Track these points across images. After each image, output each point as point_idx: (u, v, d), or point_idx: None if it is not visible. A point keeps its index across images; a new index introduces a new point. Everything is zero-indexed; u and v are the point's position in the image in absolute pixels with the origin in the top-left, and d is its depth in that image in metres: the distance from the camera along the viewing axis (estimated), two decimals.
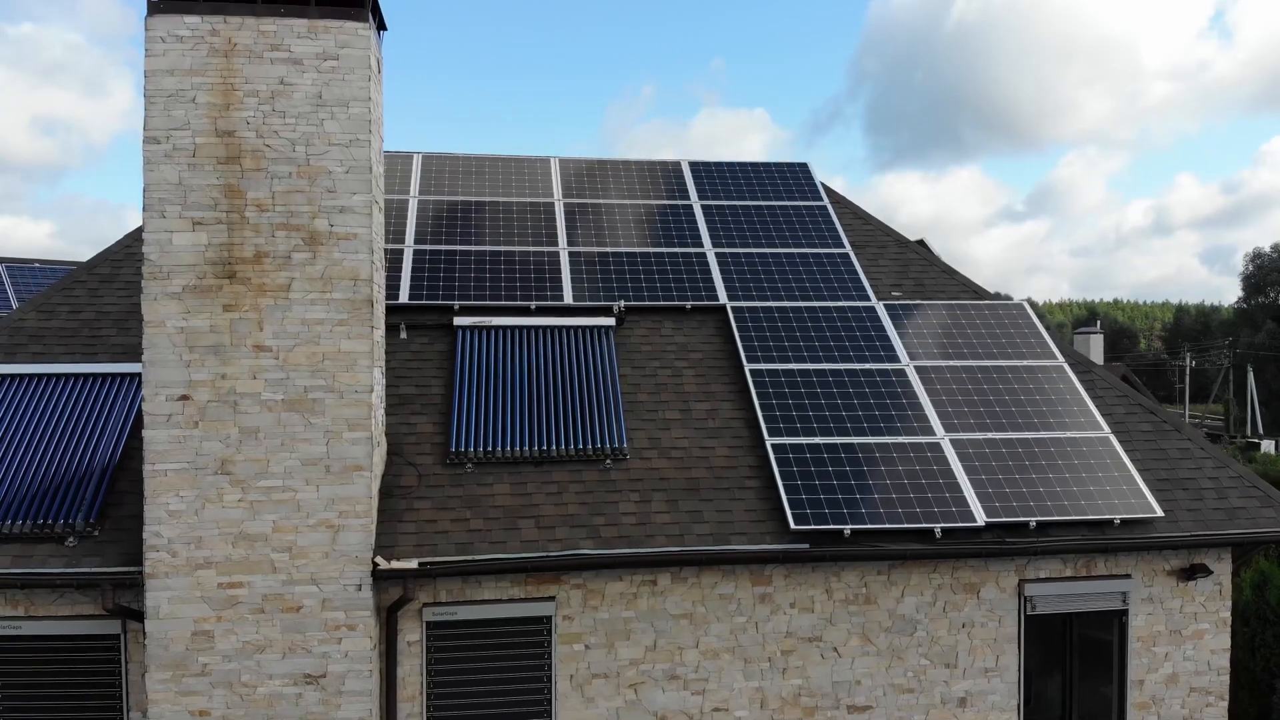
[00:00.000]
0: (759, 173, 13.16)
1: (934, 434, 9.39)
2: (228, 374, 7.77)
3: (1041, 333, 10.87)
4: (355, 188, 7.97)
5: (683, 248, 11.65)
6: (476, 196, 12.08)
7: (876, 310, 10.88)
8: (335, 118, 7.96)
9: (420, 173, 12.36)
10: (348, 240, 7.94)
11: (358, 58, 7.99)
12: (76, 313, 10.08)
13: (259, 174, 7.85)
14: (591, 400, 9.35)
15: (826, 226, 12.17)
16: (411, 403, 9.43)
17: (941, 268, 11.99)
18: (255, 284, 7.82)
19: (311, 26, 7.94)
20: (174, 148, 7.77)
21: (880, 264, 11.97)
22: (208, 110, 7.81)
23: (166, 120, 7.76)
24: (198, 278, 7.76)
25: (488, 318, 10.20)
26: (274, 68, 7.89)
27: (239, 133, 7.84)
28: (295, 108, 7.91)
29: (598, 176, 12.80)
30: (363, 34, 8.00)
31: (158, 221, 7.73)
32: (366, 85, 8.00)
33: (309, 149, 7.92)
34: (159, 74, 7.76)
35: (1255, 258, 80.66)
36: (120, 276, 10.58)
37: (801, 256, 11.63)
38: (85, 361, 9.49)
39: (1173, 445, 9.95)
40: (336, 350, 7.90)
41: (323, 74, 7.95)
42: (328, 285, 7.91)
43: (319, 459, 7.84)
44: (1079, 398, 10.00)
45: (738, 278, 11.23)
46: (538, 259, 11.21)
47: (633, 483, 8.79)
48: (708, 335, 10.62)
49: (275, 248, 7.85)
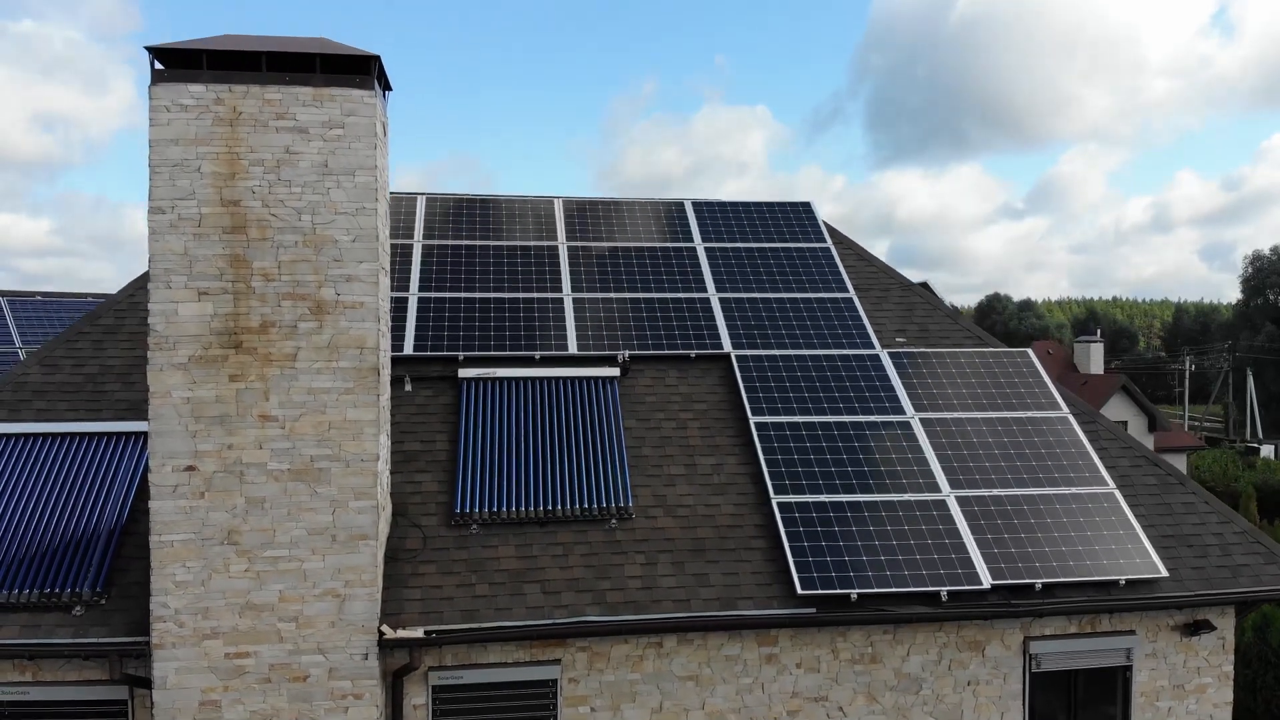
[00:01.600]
0: (761, 213, 13.15)
1: (939, 490, 9.40)
2: (234, 444, 7.77)
3: (1046, 381, 10.87)
4: (362, 256, 7.96)
5: (686, 293, 11.64)
6: (481, 240, 12.07)
7: (881, 359, 10.87)
8: (341, 186, 7.95)
9: (424, 216, 12.35)
10: (354, 309, 7.93)
11: (364, 125, 7.97)
12: (80, 366, 10.07)
13: (265, 243, 7.84)
14: (596, 457, 9.35)
15: (830, 269, 12.17)
16: (416, 459, 9.42)
17: (945, 312, 11.99)
18: (261, 354, 7.81)
19: (317, 95, 7.93)
20: (179, 217, 7.76)
21: (884, 308, 11.97)
22: (213, 180, 7.80)
23: (171, 190, 7.75)
24: (203, 348, 7.76)
25: (492, 369, 10.19)
26: (279, 136, 7.87)
27: (244, 202, 7.83)
28: (301, 176, 7.90)
29: (601, 216, 12.78)
30: (368, 102, 7.98)
31: (163, 292, 7.72)
32: (373, 153, 7.99)
33: (315, 218, 7.91)
34: (163, 143, 7.75)
35: (1255, 260, 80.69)
36: (124, 327, 10.57)
37: (805, 302, 11.63)
38: (90, 419, 9.48)
39: (1177, 500, 9.96)
40: (343, 419, 7.89)
41: (328, 142, 7.94)
42: (334, 354, 7.90)
43: (325, 528, 7.84)
44: (1084, 451, 10.00)
45: (742, 324, 11.23)
46: (542, 305, 11.20)
47: (638, 543, 8.79)
48: (712, 384, 10.62)
49: (281, 317, 7.84)
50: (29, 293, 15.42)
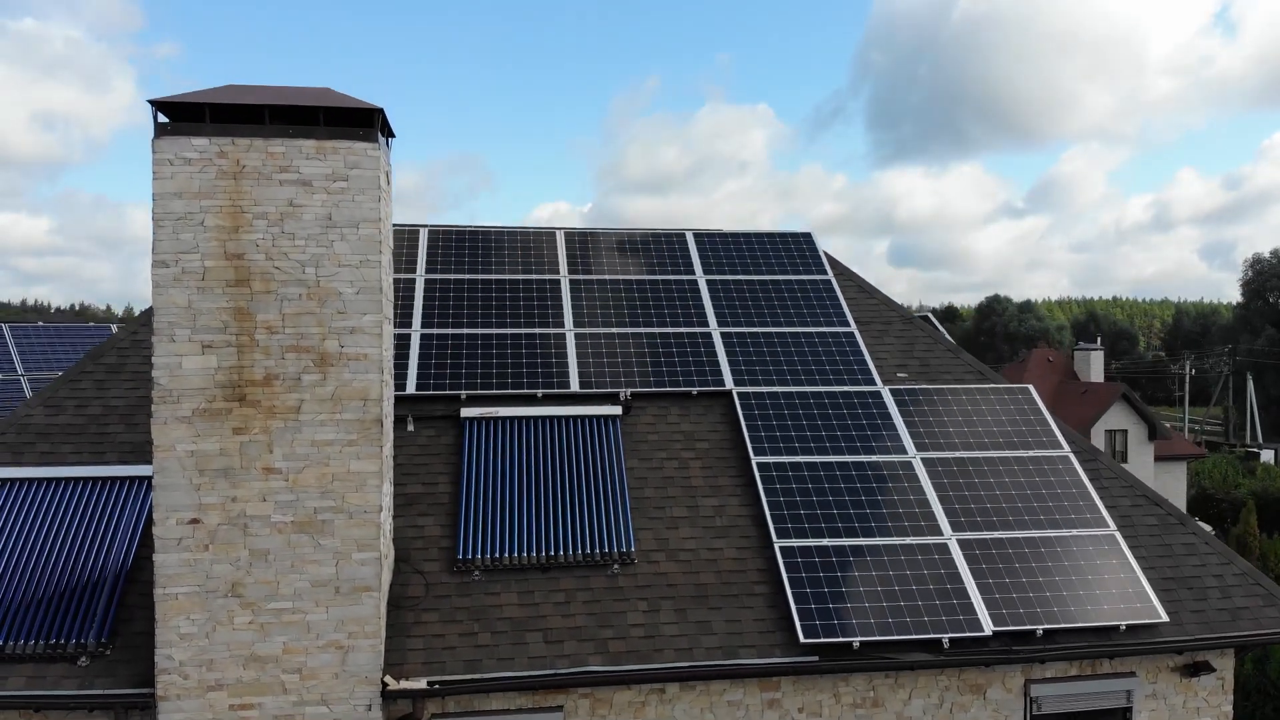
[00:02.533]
0: (762, 244, 13.17)
1: (941, 534, 9.42)
2: (238, 496, 7.79)
3: (1047, 419, 10.89)
4: (366, 308, 7.98)
5: (688, 327, 11.66)
6: (483, 274, 12.09)
7: (883, 396, 10.90)
8: (345, 239, 7.97)
9: (426, 249, 12.37)
10: (358, 361, 7.95)
11: (368, 178, 7.99)
12: (83, 407, 10.09)
13: (269, 296, 7.86)
14: (599, 500, 9.38)
15: (831, 303, 12.19)
16: (419, 502, 9.45)
17: (946, 346, 12.01)
18: (265, 406, 7.83)
19: (320, 148, 7.94)
20: (183, 271, 7.78)
21: (885, 342, 11.99)
22: (216, 233, 7.81)
23: (175, 244, 7.77)
24: (207, 401, 7.78)
25: (495, 408, 10.22)
26: (283, 189, 7.89)
27: (248, 255, 7.85)
28: (305, 229, 7.92)
29: (602, 248, 12.81)
30: (372, 154, 8.00)
31: (167, 345, 7.74)
32: (377, 205, 8.01)
33: (319, 270, 7.93)
34: (167, 197, 7.77)
35: (1255, 263, 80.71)
36: (127, 366, 10.59)
37: (807, 336, 11.65)
38: (93, 462, 9.50)
39: (1178, 540, 9.98)
40: (346, 471, 7.92)
41: (332, 195, 7.96)
42: (337, 406, 7.92)
43: (328, 580, 7.87)
44: (1085, 491, 10.02)
45: (743, 360, 11.25)
46: (544, 341, 11.23)
47: (640, 589, 8.82)
48: (714, 422, 10.64)
49: (285, 370, 7.87)
50: (30, 321, 15.44)
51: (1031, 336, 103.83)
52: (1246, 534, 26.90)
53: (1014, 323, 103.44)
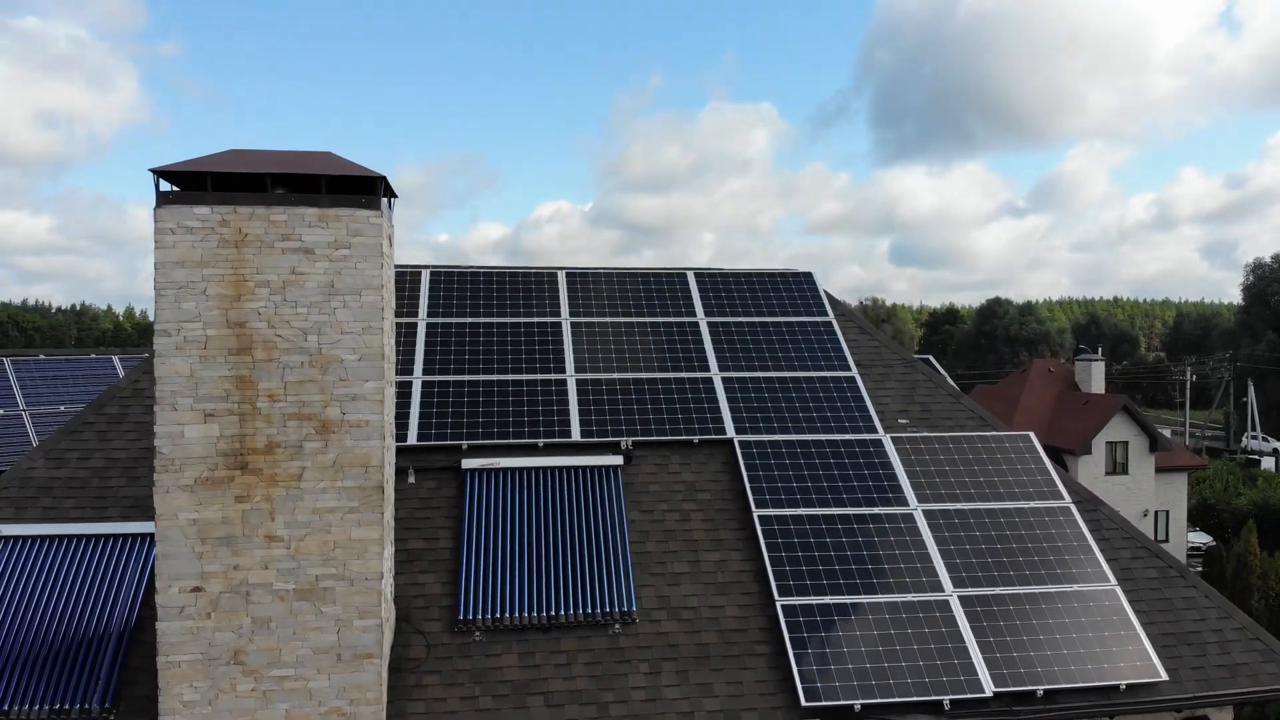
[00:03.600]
0: (763, 283, 13.18)
1: (943, 590, 9.44)
2: (240, 564, 7.81)
3: (1048, 467, 10.90)
4: (367, 375, 7.99)
5: (690, 372, 11.68)
6: (485, 317, 12.10)
7: (884, 445, 10.91)
8: (348, 306, 7.98)
9: (428, 291, 12.38)
10: (360, 428, 7.97)
11: (370, 245, 8.00)
12: (85, 460, 10.11)
13: (271, 364, 7.88)
14: (600, 557, 9.39)
15: (833, 346, 12.20)
16: (420, 559, 9.47)
17: (947, 390, 12.02)
18: (267, 474, 7.85)
19: (322, 215, 7.95)
20: (185, 340, 7.79)
21: (886, 386, 12.00)
22: (219, 302, 7.83)
23: (177, 313, 7.78)
24: (210, 469, 7.79)
25: (496, 459, 10.23)
26: (285, 257, 7.90)
27: (250, 323, 7.86)
28: (307, 297, 7.93)
29: (604, 288, 12.81)
30: (374, 221, 8.01)
31: (169, 414, 7.76)
32: (379, 272, 8.02)
33: (321, 338, 7.94)
34: (169, 266, 7.78)
35: (1256, 267, 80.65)
36: (129, 417, 10.60)
37: (808, 381, 11.66)
38: (95, 518, 9.53)
39: (1178, 594, 10.00)
40: (347, 538, 7.93)
41: (334, 262, 7.97)
42: (339, 473, 7.94)
43: (330, 647, 7.89)
44: (1086, 544, 10.04)
45: (744, 406, 11.26)
46: (545, 387, 11.24)
47: (642, 650, 8.84)
48: (715, 471, 10.65)
49: (287, 437, 7.88)
50: (30, 352, 15.45)
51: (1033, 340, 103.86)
52: (1247, 553, 26.91)
53: (1015, 326, 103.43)
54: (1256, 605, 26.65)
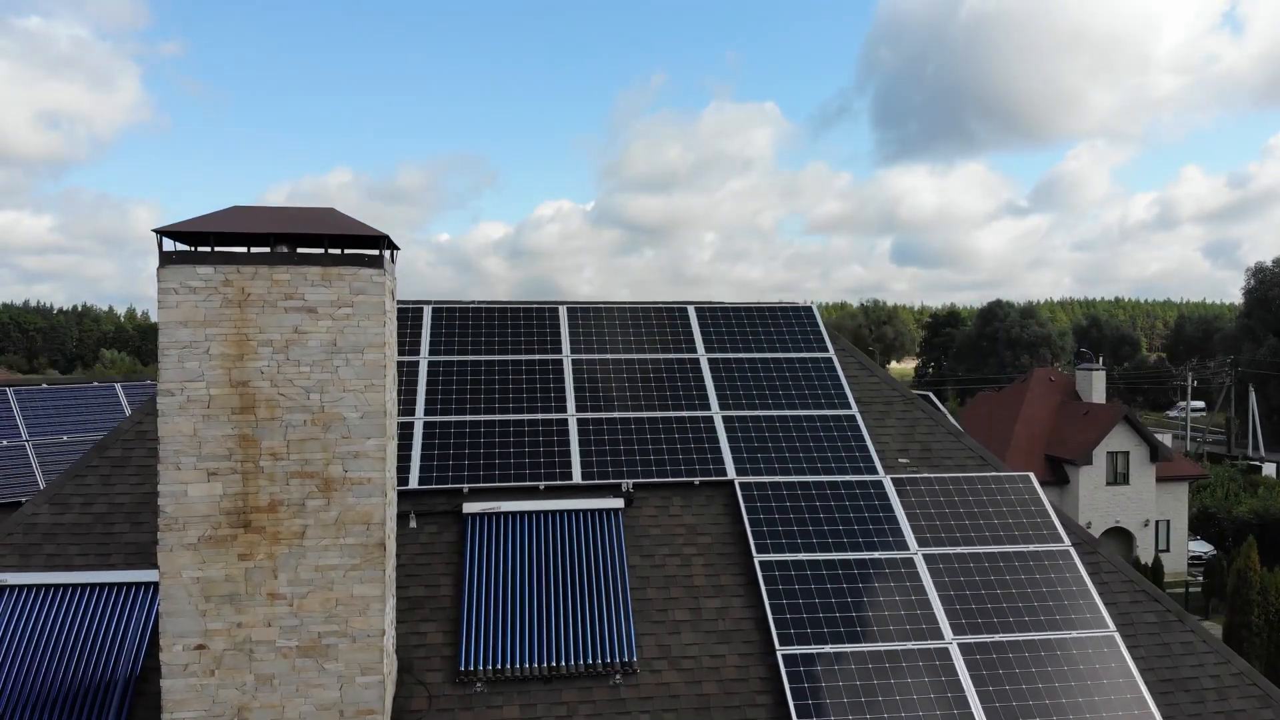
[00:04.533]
0: (764, 317, 13.22)
1: (942, 637, 9.48)
2: (243, 622, 7.85)
3: (1047, 509, 10.94)
4: (369, 432, 8.04)
5: (690, 410, 11.72)
6: (486, 355, 12.14)
7: (884, 486, 10.95)
8: (350, 364, 8.02)
9: (430, 328, 12.42)
10: (361, 485, 8.01)
11: (372, 304, 8.04)
12: (89, 505, 10.15)
13: (273, 423, 7.92)
14: (601, 604, 9.43)
15: (833, 383, 12.24)
16: (421, 607, 9.51)
17: (948, 429, 12.06)
18: (270, 532, 7.89)
19: (325, 274, 7.99)
20: (188, 399, 7.83)
21: (886, 424, 12.04)
22: (221, 361, 7.87)
23: (180, 373, 7.82)
24: (213, 528, 7.83)
25: (497, 502, 10.27)
26: (288, 316, 7.94)
27: (253, 382, 7.90)
28: (309, 355, 7.97)
29: (605, 324, 12.85)
30: (377, 280, 8.05)
31: (173, 474, 7.80)
32: (381, 330, 8.06)
33: (323, 396, 7.98)
34: (172, 326, 7.82)
35: (1257, 272, 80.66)
36: (132, 460, 10.65)
37: (809, 420, 11.70)
38: (99, 564, 9.58)
39: (1176, 639, 10.03)
40: (349, 595, 7.97)
41: (337, 321, 8.01)
42: (341, 530, 7.98)
43: (333, 704, 7.93)
44: (1085, 589, 10.08)
45: (745, 446, 11.30)
46: (546, 427, 11.28)
47: (642, 701, 8.88)
48: (716, 514, 10.69)
49: (289, 495, 7.92)
50: (33, 381, 15.49)
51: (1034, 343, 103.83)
52: (1247, 568, 26.93)
53: (1016, 329, 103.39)
54: (1256, 621, 26.70)
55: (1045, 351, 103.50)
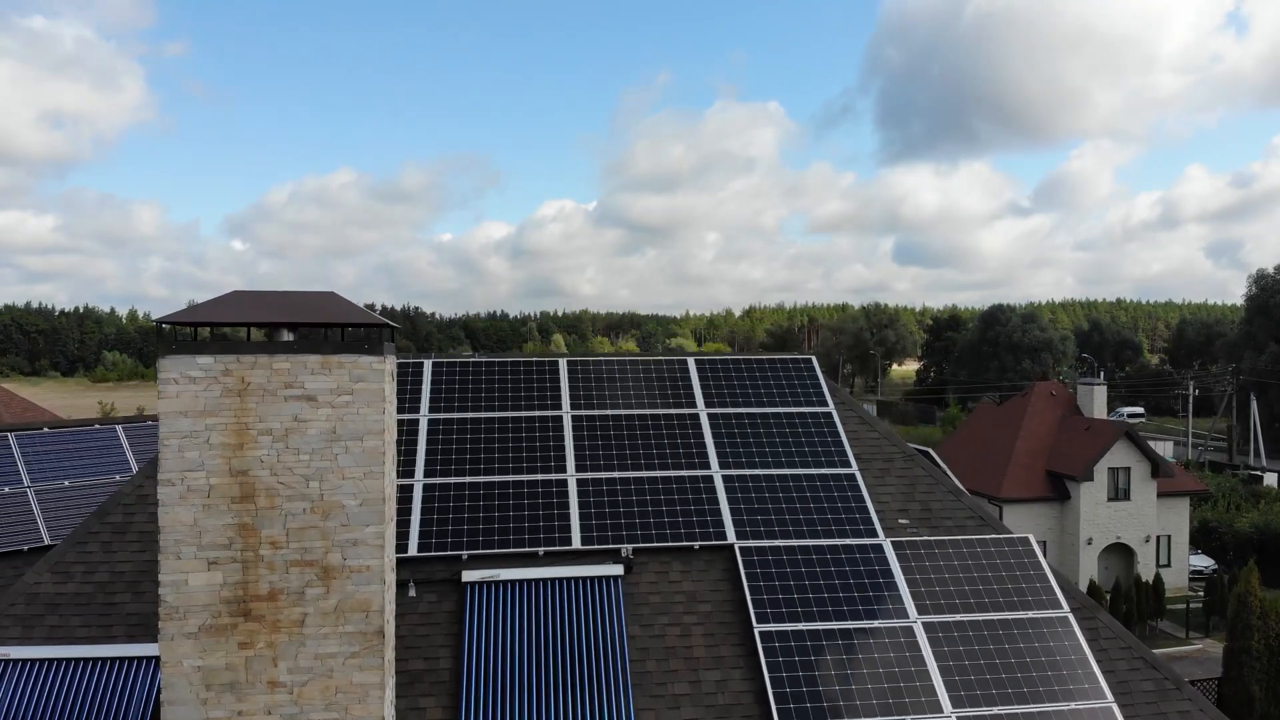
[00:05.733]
0: (763, 369, 13.23)
1: (942, 710, 9.49)
2: (244, 711, 7.87)
3: (1047, 574, 10.95)
4: (369, 520, 8.05)
5: (690, 469, 11.73)
6: (486, 412, 12.16)
7: (885, 550, 10.96)
8: (349, 452, 8.03)
9: (430, 384, 12.44)
10: (360, 573, 8.02)
11: (373, 391, 8.05)
12: (91, 573, 10.18)
13: (273, 512, 7.93)
14: (600, 680, 9.45)
15: (833, 440, 12.25)
16: (421, 680, 9.53)
17: (948, 487, 12.07)
18: (270, 621, 7.91)
19: (325, 362, 8.00)
20: (188, 489, 7.85)
21: (886, 482, 12.05)
22: (221, 451, 7.88)
23: (180, 463, 7.84)
24: (213, 617, 7.85)
25: (496, 570, 10.29)
26: (288, 405, 7.95)
27: (253, 471, 7.92)
28: (309, 444, 7.98)
29: (605, 378, 12.87)
30: (377, 368, 8.06)
31: (173, 564, 7.82)
32: (381, 417, 8.07)
33: (323, 484, 7.99)
34: (172, 416, 7.83)
35: (1259, 279, 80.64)
36: (133, 526, 10.67)
37: (809, 479, 11.71)
38: (101, 638, 9.60)
39: (1174, 709, 10.04)
40: (349, 683, 7.99)
41: (337, 409, 8.02)
42: (340, 618, 8.00)
43: None
44: (1084, 658, 10.08)
45: (745, 508, 11.32)
46: (546, 489, 11.30)
47: None
48: (716, 579, 10.70)
49: (289, 584, 7.94)
50: (35, 425, 15.53)
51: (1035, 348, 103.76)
52: (1247, 593, 26.94)
53: (1018, 333, 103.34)
54: (1256, 646, 26.71)
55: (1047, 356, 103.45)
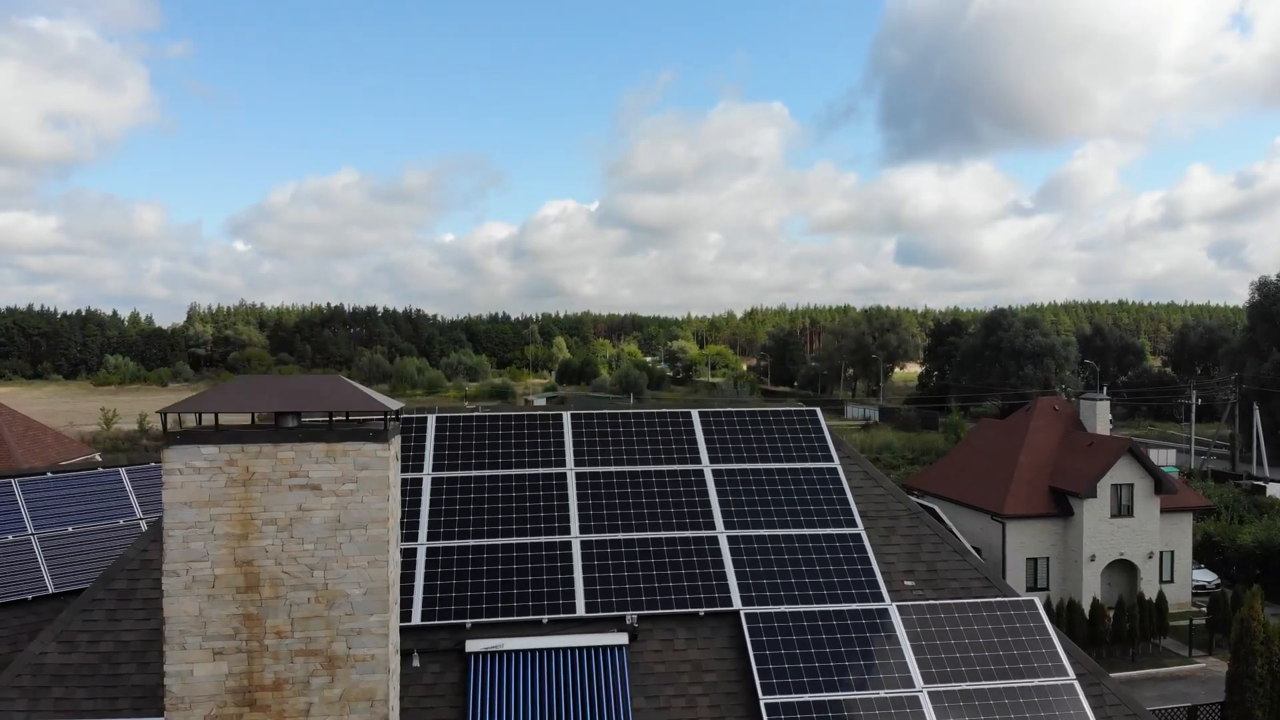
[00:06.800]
0: (767, 422, 13.20)
1: None
2: None
3: (1053, 639, 10.92)
4: (373, 609, 8.03)
5: (695, 530, 11.70)
6: (490, 469, 12.13)
7: (890, 615, 10.93)
8: (354, 540, 8.01)
9: (434, 440, 12.41)
10: (365, 662, 8.00)
11: (377, 479, 8.03)
12: (95, 643, 10.16)
13: (278, 601, 7.91)
14: None
15: (839, 497, 12.21)
16: None
17: (953, 546, 12.03)
18: (275, 710, 7.89)
19: (330, 451, 7.98)
20: (193, 579, 7.83)
21: (892, 541, 12.02)
22: (226, 541, 7.86)
23: (185, 553, 7.82)
24: (219, 707, 7.83)
25: (500, 640, 10.26)
26: (292, 494, 7.93)
27: (257, 561, 7.90)
28: (314, 533, 7.96)
29: (609, 432, 12.84)
30: (381, 455, 8.04)
31: (178, 654, 7.80)
32: (385, 505, 8.05)
33: (327, 573, 7.97)
34: (177, 506, 7.81)
35: (1262, 286, 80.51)
36: (137, 593, 10.66)
37: (814, 540, 11.68)
38: (107, 712, 9.59)
39: None
40: None
41: (341, 497, 8.00)
42: (345, 708, 7.97)
43: None
44: None
45: (750, 572, 11.28)
46: (550, 551, 11.27)
47: None
48: (721, 647, 10.67)
49: (294, 674, 7.92)
50: (38, 471, 15.51)
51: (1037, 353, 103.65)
52: (1251, 618, 26.88)
53: (1019, 339, 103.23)
54: (1260, 671, 26.65)
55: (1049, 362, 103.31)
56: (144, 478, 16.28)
